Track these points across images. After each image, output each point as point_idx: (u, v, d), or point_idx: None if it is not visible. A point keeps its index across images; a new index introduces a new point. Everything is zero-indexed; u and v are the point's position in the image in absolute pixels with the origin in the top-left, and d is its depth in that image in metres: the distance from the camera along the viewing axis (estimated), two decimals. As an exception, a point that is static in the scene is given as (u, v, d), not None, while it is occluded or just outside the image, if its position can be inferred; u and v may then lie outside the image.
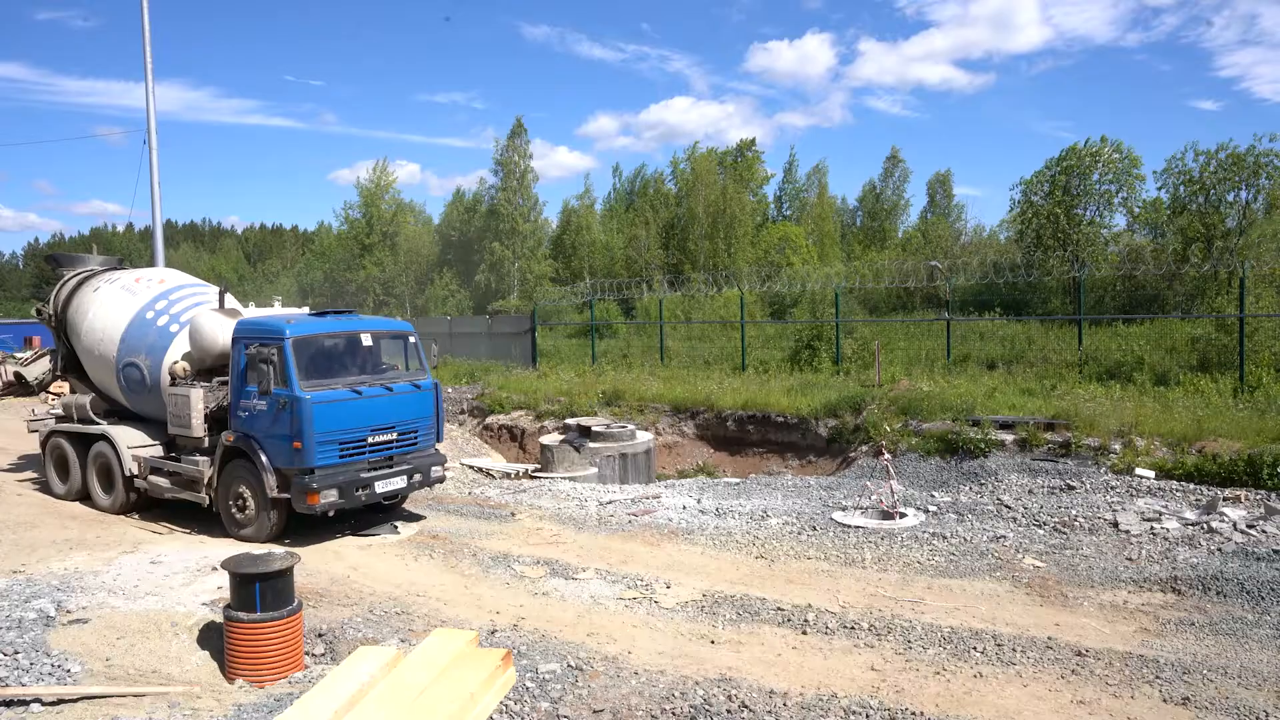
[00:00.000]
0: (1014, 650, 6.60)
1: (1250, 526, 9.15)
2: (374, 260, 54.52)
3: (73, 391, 13.06)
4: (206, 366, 10.54)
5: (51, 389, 23.49)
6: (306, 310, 11.37)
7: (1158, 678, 6.09)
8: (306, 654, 6.29)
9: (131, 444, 11.09)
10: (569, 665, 6.06)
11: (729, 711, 5.43)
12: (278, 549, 7.83)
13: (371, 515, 10.73)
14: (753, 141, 59.37)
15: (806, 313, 24.95)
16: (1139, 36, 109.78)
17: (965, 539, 9.49)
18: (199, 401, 10.12)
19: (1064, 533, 9.57)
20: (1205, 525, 9.27)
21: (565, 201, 66.03)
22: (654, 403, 17.41)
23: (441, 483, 11.13)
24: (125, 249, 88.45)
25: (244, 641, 5.85)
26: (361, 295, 51.86)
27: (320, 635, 6.70)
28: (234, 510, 9.85)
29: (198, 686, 5.75)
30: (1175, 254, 22.68)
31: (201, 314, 10.51)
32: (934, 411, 13.39)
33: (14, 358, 28.41)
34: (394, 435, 9.98)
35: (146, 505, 11.23)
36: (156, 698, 5.45)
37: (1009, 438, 12.38)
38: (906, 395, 14.33)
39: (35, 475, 13.43)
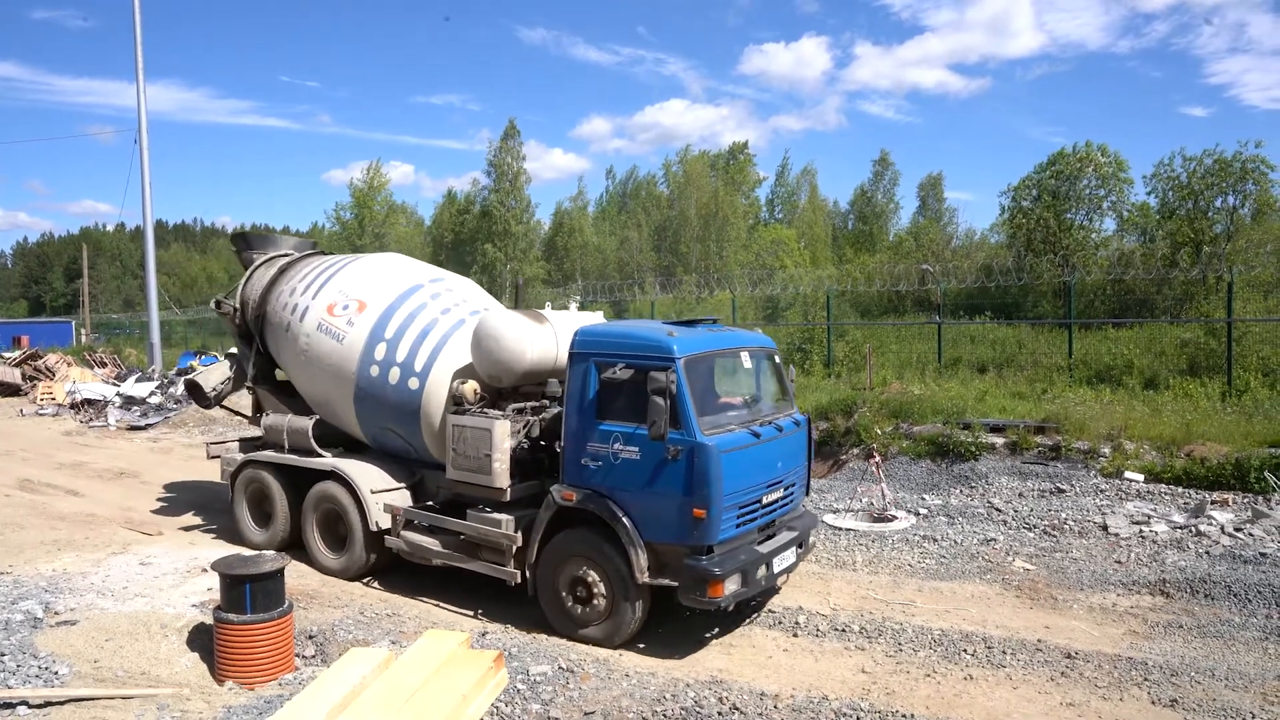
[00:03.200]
0: (1004, 653, 6.63)
1: (1237, 530, 9.21)
2: (365, 261, 54.32)
3: (258, 408, 10.21)
4: (502, 387, 7.94)
5: (44, 393, 23.39)
6: (576, 308, 8.81)
7: (1146, 680, 6.14)
8: (297, 656, 6.27)
9: (375, 487, 8.40)
10: (560, 667, 6.06)
11: (720, 714, 5.44)
12: (269, 552, 7.77)
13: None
14: (745, 144, 59.60)
15: (799, 316, 24.99)
16: (1130, 43, 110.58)
17: (956, 542, 9.53)
18: (504, 439, 7.31)
19: (1054, 536, 9.61)
20: (1193, 528, 9.34)
21: (558, 203, 66.15)
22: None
23: (813, 549, 8.56)
24: (116, 248, 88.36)
25: (234, 643, 5.82)
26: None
27: (311, 637, 6.67)
28: (568, 599, 7.09)
29: (187, 689, 5.72)
30: (1164, 259, 22.82)
31: (497, 319, 7.80)
32: (925, 414, 13.44)
33: (2, 357, 28.21)
34: (781, 492, 7.37)
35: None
36: (145, 700, 5.42)
37: (999, 441, 12.43)
38: (898, 398, 14.37)
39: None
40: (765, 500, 7.10)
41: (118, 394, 21.82)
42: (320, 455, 8.86)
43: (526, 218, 52.25)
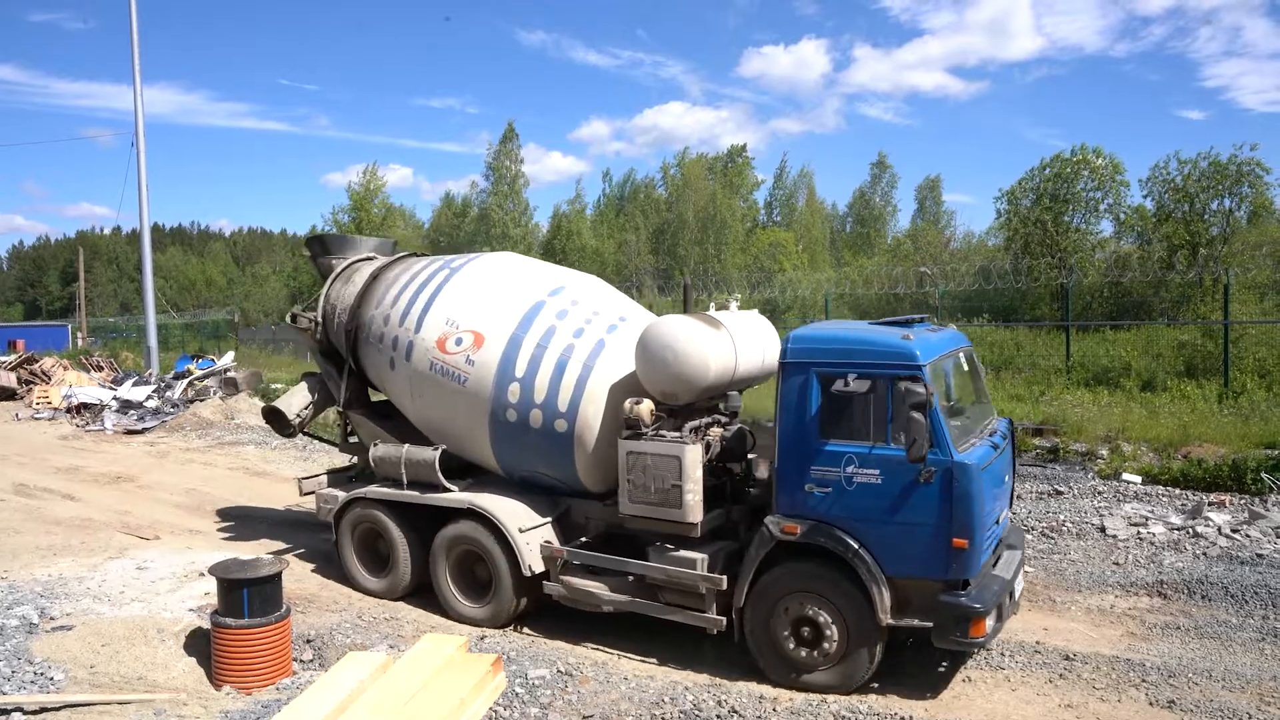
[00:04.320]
0: (1002, 654, 6.63)
1: (1235, 531, 9.22)
2: (363, 264, 54.20)
3: (347, 433, 9.30)
4: (678, 405, 6.81)
5: (40, 397, 23.31)
6: (736, 308, 7.70)
7: (1144, 681, 6.14)
8: (295, 660, 6.25)
9: (523, 525, 7.26)
10: (559, 671, 6.05)
11: (719, 716, 5.43)
12: (266, 556, 7.72)
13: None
14: (743, 147, 59.61)
15: (797, 318, 25.00)
16: (1128, 46, 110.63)
17: (954, 544, 9.52)
18: (696, 467, 6.32)
19: (1052, 537, 9.62)
20: (1191, 530, 9.35)
21: (556, 206, 66.18)
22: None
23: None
24: (112, 252, 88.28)
25: (231, 648, 5.81)
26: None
27: (309, 641, 6.66)
28: (789, 642, 6.12)
29: (184, 694, 5.70)
30: (1161, 261, 22.87)
31: (671, 329, 6.60)
32: (923, 417, 13.46)
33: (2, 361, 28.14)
34: (1007, 508, 6.67)
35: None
36: (141, 705, 5.41)
37: (997, 443, 12.45)
38: (895, 400, 14.39)
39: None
40: (1000, 519, 6.35)
41: (114, 398, 21.77)
42: (449, 490, 7.65)
43: (525, 220, 52.29)
